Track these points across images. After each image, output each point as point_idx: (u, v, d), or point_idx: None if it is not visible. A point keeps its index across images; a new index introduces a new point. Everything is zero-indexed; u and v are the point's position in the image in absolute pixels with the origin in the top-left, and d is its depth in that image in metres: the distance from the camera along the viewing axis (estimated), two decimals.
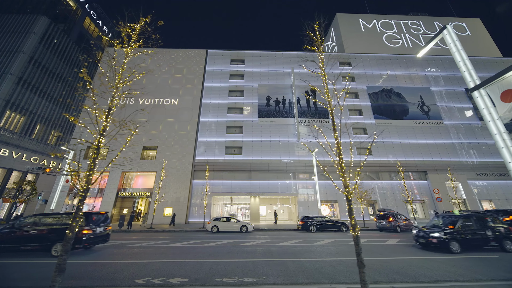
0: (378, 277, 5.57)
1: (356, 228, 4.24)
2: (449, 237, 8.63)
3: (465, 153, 27.58)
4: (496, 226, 9.12)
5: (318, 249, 9.36)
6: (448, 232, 8.76)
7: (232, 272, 5.85)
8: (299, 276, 5.60)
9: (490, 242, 8.81)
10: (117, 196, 24.38)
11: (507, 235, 8.96)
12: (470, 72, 6.23)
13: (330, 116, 5.75)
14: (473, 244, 8.78)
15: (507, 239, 8.91)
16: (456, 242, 8.60)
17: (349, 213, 4.57)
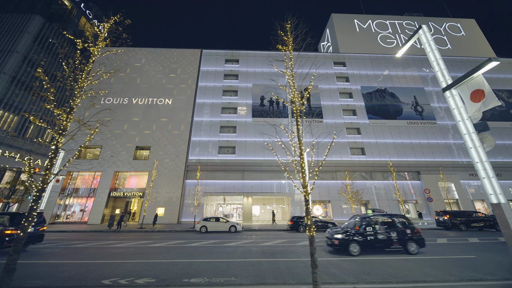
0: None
1: (311, 228, 4.22)
2: (349, 239, 8.36)
3: (458, 153, 27.63)
4: (402, 228, 8.83)
5: (299, 249, 9.34)
6: (349, 233, 8.50)
7: (203, 273, 5.82)
8: (268, 277, 5.58)
9: (393, 244, 8.53)
10: (109, 196, 24.28)
11: (412, 237, 8.64)
12: (443, 72, 6.23)
13: (295, 116, 5.72)
14: (376, 245, 8.49)
15: (412, 241, 8.58)
16: (357, 243, 8.33)
17: (306, 213, 4.54)
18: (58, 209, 24.16)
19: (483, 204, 25.90)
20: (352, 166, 26.52)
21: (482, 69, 5.07)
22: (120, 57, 30.77)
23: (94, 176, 25.70)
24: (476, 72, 5.19)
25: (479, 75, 5.31)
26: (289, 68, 6.46)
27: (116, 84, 29.93)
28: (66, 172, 24.85)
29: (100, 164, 25.38)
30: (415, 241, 8.62)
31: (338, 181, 25.51)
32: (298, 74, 30.12)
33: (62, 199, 24.15)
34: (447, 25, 37.67)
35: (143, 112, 28.40)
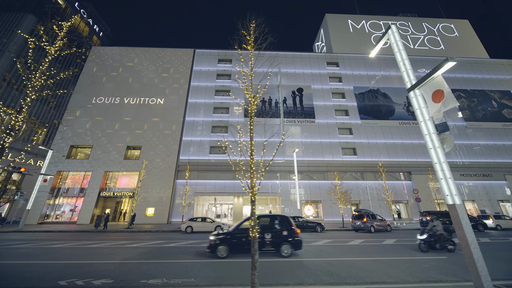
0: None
1: (254, 229, 4.19)
2: (219, 241, 8.04)
3: (449, 153, 27.67)
4: (279, 230, 8.49)
5: None
6: (220, 235, 8.29)
7: (165, 274, 5.78)
8: (229, 278, 5.55)
9: (266, 246, 8.21)
10: (99, 196, 24.18)
11: (286, 239, 8.26)
12: (408, 73, 6.22)
13: (249, 116, 5.68)
14: (246, 248, 8.07)
15: (287, 243, 8.21)
16: (226, 246, 8.02)
17: (251, 213, 4.51)
18: (48, 209, 24.06)
19: (473, 204, 25.97)
20: (343, 166, 26.54)
21: (440, 69, 5.06)
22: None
23: (84, 176, 25.61)
24: (436, 72, 5.18)
25: (439, 76, 5.29)
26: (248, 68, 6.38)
27: (108, 84, 29.84)
28: (56, 172, 24.77)
29: (90, 164, 25.29)
30: (291, 243, 8.24)
31: (329, 181, 25.50)
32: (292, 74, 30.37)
33: (50, 199, 24.00)
34: (441, 25, 37.76)
35: (135, 111, 28.31)
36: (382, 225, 16.21)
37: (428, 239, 9.01)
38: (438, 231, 9.01)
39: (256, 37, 6.27)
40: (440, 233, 8.98)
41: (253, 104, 5.72)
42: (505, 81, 32.78)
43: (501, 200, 26.02)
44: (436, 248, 8.84)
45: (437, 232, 8.99)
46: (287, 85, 30.78)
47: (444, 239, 8.91)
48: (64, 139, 26.46)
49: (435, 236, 8.94)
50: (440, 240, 8.88)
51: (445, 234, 9.01)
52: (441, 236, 8.93)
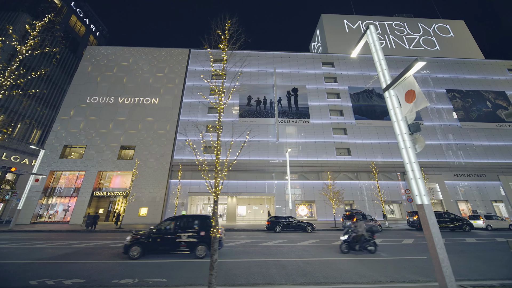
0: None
1: (215, 229, 4.18)
2: (133, 242, 7.90)
3: (443, 153, 27.74)
4: (197, 230, 8.35)
5: (259, 250, 9.30)
6: (135, 236, 8.12)
7: (138, 274, 5.77)
8: (202, 278, 5.53)
9: (181, 247, 8.06)
10: (92, 196, 24.14)
11: (203, 240, 8.14)
12: (384, 73, 6.22)
13: (218, 116, 5.68)
14: (160, 249, 8.08)
15: (203, 244, 8.09)
16: (139, 246, 7.84)
17: (213, 213, 4.50)
18: (41, 209, 24.00)
19: (467, 204, 26.02)
20: (337, 167, 26.55)
21: (411, 69, 5.05)
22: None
23: (78, 176, 25.56)
24: (407, 72, 5.17)
25: (410, 76, 5.29)
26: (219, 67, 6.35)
27: (102, 83, 29.78)
28: (49, 171, 24.72)
29: (84, 164, 25.24)
30: (206, 244, 8.10)
31: (323, 182, 25.51)
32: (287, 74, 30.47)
33: (42, 199, 23.93)
34: (436, 26, 37.81)
35: (129, 111, 28.26)
36: (372, 226, 16.18)
37: (349, 239, 8.83)
38: (359, 231, 8.84)
39: (231, 36, 6.25)
40: (361, 233, 8.78)
41: (221, 104, 5.70)
42: (500, 81, 32.86)
43: (494, 200, 26.08)
44: (355, 249, 8.66)
45: (358, 233, 8.80)
46: (282, 85, 30.79)
47: (364, 240, 8.71)
48: (57, 138, 26.41)
49: (357, 237, 8.75)
50: (360, 241, 8.68)
51: (366, 235, 8.80)
52: (361, 237, 8.71)
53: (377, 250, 8.85)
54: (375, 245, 8.84)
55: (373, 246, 8.82)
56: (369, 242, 8.80)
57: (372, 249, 8.80)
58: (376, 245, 8.85)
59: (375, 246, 8.83)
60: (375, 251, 8.78)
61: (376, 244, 8.86)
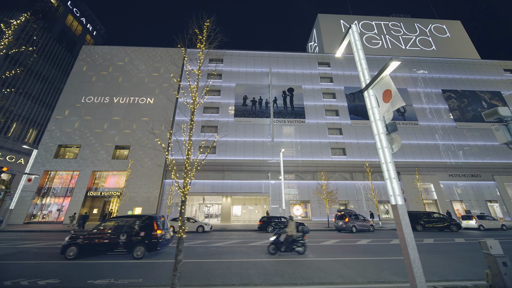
0: None
1: (180, 230, 4.15)
2: (70, 242, 7.85)
3: (438, 154, 27.76)
4: (137, 231, 8.30)
5: (245, 250, 9.28)
6: (74, 236, 8.08)
7: (114, 275, 5.75)
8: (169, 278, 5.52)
9: (118, 247, 8.02)
10: (86, 196, 24.09)
11: (142, 241, 8.13)
12: (364, 72, 6.19)
13: (191, 115, 5.65)
14: (97, 249, 8.05)
15: (141, 245, 8.05)
16: (75, 247, 7.78)
17: (180, 213, 4.47)
18: (35, 209, 23.93)
19: (462, 204, 26.05)
20: (332, 167, 26.55)
21: (387, 69, 5.02)
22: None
23: (72, 176, 25.50)
24: (384, 72, 5.15)
25: (386, 75, 5.27)
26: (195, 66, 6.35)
27: (97, 83, 29.72)
28: (43, 171, 24.66)
29: (78, 164, 25.18)
30: (145, 245, 8.06)
31: (318, 182, 25.50)
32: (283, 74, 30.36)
33: (36, 199, 23.84)
34: (433, 26, 37.84)
35: (124, 111, 28.21)
36: (364, 225, 16.21)
37: (276, 240, 8.63)
38: (288, 232, 8.69)
39: (209, 35, 6.23)
40: (290, 234, 8.60)
41: (195, 104, 5.67)
42: (496, 82, 32.90)
43: (489, 200, 26.11)
44: (281, 250, 8.46)
45: (288, 233, 8.64)
46: (278, 85, 30.78)
47: (292, 241, 8.52)
48: (52, 138, 26.34)
49: (288, 237, 8.57)
50: (287, 242, 8.48)
51: (295, 236, 8.62)
52: (289, 237, 8.54)
53: (306, 251, 8.65)
54: (304, 246, 8.62)
55: (302, 247, 8.58)
56: (297, 243, 8.56)
57: (300, 250, 8.58)
58: (305, 246, 8.64)
59: (304, 247, 8.61)
60: (304, 252, 8.58)
61: (305, 245, 8.65)
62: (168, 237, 8.89)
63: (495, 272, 4.00)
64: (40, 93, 38.84)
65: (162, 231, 8.46)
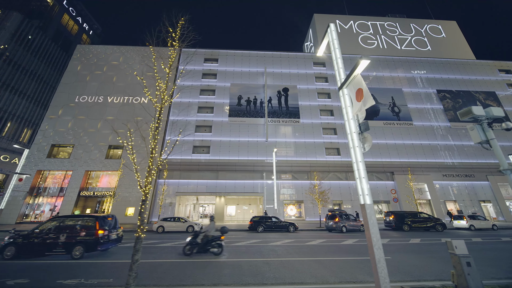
0: None
1: (138, 229, 4.10)
2: (9, 241, 7.84)
3: (433, 154, 27.76)
4: (78, 231, 8.21)
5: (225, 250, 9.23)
6: (13, 236, 8.06)
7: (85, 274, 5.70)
8: (148, 278, 5.46)
9: (57, 247, 7.91)
10: (79, 196, 24.00)
11: (81, 241, 8.02)
12: (339, 71, 6.17)
13: (158, 115, 5.61)
14: (35, 249, 7.92)
15: (80, 245, 7.97)
16: (14, 246, 7.73)
17: (139, 214, 4.43)
18: (27, 208, 23.82)
19: (455, 204, 26.07)
20: (326, 167, 26.53)
21: (358, 68, 5.00)
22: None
23: (65, 175, 25.40)
24: (355, 70, 5.12)
25: (358, 74, 5.24)
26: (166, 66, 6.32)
27: (92, 82, 29.64)
28: (36, 171, 24.57)
29: (71, 163, 25.09)
30: (84, 245, 7.98)
31: (312, 182, 25.47)
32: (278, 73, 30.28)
33: (27, 198, 23.72)
34: (428, 26, 37.88)
35: (118, 110, 28.13)
36: (355, 225, 16.19)
37: (192, 241, 8.37)
38: (202, 233, 8.52)
39: (182, 33, 6.18)
40: (205, 234, 8.44)
41: (163, 104, 5.63)
42: (490, 82, 32.94)
43: (483, 200, 26.15)
44: (193, 251, 8.24)
45: (207, 233, 8.46)
46: (273, 85, 30.74)
47: (206, 241, 8.32)
48: (45, 138, 26.25)
49: (204, 237, 8.39)
50: (202, 243, 8.28)
51: (210, 237, 8.43)
52: (205, 238, 8.36)
53: (222, 252, 8.50)
54: (221, 247, 8.44)
55: (217, 247, 8.40)
56: (211, 243, 8.36)
57: (215, 250, 8.39)
58: (222, 247, 8.46)
59: (221, 248, 8.44)
60: (220, 253, 8.40)
61: (221, 246, 8.46)
62: (114, 237, 8.77)
63: (459, 272, 3.96)
64: (35, 92, 38.70)
65: (105, 232, 8.35)
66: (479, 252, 8.95)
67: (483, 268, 6.49)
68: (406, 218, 15.69)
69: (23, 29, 36.40)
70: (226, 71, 31.59)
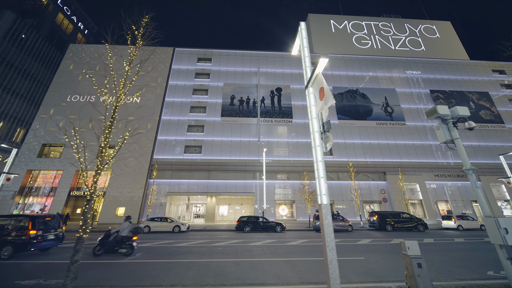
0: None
1: (80, 230, 4.04)
2: None
3: (425, 154, 27.75)
4: (7, 231, 8.10)
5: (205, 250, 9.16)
6: None
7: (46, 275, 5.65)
8: (111, 279, 5.40)
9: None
10: (69, 195, 23.90)
11: (10, 242, 7.88)
12: (306, 70, 6.11)
13: (112, 113, 5.54)
14: None
15: (9, 245, 7.82)
16: None
17: (83, 213, 4.37)
18: (17, 208, 23.70)
19: (446, 204, 26.06)
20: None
21: (318, 66, 4.95)
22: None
23: (56, 175, 25.28)
24: (316, 69, 5.07)
25: (319, 73, 5.18)
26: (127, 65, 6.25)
27: (84, 82, 29.53)
28: (26, 170, 24.47)
29: (62, 163, 24.97)
30: (14, 245, 7.84)
31: (304, 182, 25.41)
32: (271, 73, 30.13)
33: (15, 198, 23.60)
34: (423, 27, 37.88)
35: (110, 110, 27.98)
36: (342, 226, 16.14)
37: (103, 241, 8.14)
38: (114, 233, 8.31)
39: (145, 32, 6.11)
40: (115, 235, 8.26)
41: (118, 102, 5.56)
42: (484, 82, 32.97)
43: (474, 200, 26.15)
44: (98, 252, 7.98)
45: (118, 234, 8.28)
46: (266, 85, 30.69)
47: (115, 241, 8.11)
48: (36, 137, 26.14)
49: (115, 237, 8.19)
50: (110, 243, 8.09)
51: (119, 237, 8.20)
52: (114, 238, 8.17)
53: (134, 253, 8.36)
54: (131, 247, 8.26)
55: (127, 248, 8.21)
56: (122, 244, 8.15)
57: (124, 251, 8.21)
58: (133, 248, 8.28)
59: (132, 249, 8.27)
60: (131, 253, 8.26)
61: (133, 246, 8.27)
62: (52, 238, 8.66)
63: (411, 274, 3.92)
64: (28, 91, 38.53)
65: (39, 232, 8.24)
66: (457, 252, 8.92)
67: (451, 269, 6.45)
68: (388, 219, 15.65)
69: (16, 28, 36.22)
70: (219, 70, 31.52)
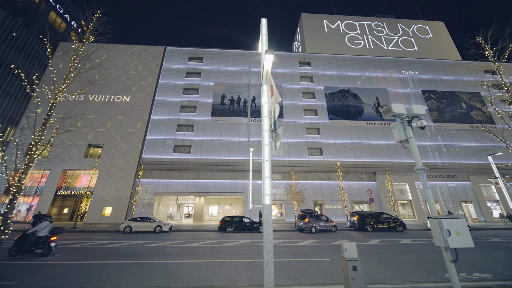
0: None
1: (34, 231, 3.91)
2: None
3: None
4: None
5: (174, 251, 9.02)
6: None
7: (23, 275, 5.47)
8: (87, 282, 5.26)
9: None
10: (56, 195, 23.68)
11: None
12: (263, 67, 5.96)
13: (48, 110, 5.37)
14: None
15: None
16: None
17: (3, 214, 4.23)
18: (2, 208, 23.45)
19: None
20: (308, 166, 26.38)
21: (265, 63, 4.82)
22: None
23: (43, 175, 25.05)
24: (265, 66, 4.94)
25: (268, 70, 5.06)
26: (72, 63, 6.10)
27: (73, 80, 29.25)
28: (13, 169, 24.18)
29: (49, 162, 24.72)
30: None
31: (288, 181, 25.29)
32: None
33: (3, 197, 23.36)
34: (416, 27, 37.86)
35: (99, 109, 27.81)
36: (326, 226, 16.02)
37: (20, 241, 7.79)
38: (31, 233, 8.02)
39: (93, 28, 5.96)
40: (34, 235, 7.94)
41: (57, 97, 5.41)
42: (475, 82, 32.93)
43: (464, 201, 26.13)
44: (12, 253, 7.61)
45: (36, 234, 7.94)
46: (257, 84, 30.52)
47: (31, 242, 7.80)
48: (23, 136, 25.86)
49: (32, 237, 7.89)
50: (27, 243, 7.71)
51: (35, 237, 7.92)
52: (29, 238, 7.84)
53: (50, 253, 8.08)
54: (49, 248, 8.01)
55: (42, 249, 7.92)
56: (39, 244, 7.87)
57: (39, 251, 7.92)
58: (50, 249, 8.04)
59: (49, 250, 8.03)
60: (48, 254, 7.98)
61: (50, 247, 8.03)
62: None
63: (346, 276, 3.80)
64: (19, 90, 38.23)
65: None
66: (429, 253, 8.79)
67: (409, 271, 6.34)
68: (368, 219, 15.53)
69: (7, 26, 35.94)
70: (210, 70, 31.36)
